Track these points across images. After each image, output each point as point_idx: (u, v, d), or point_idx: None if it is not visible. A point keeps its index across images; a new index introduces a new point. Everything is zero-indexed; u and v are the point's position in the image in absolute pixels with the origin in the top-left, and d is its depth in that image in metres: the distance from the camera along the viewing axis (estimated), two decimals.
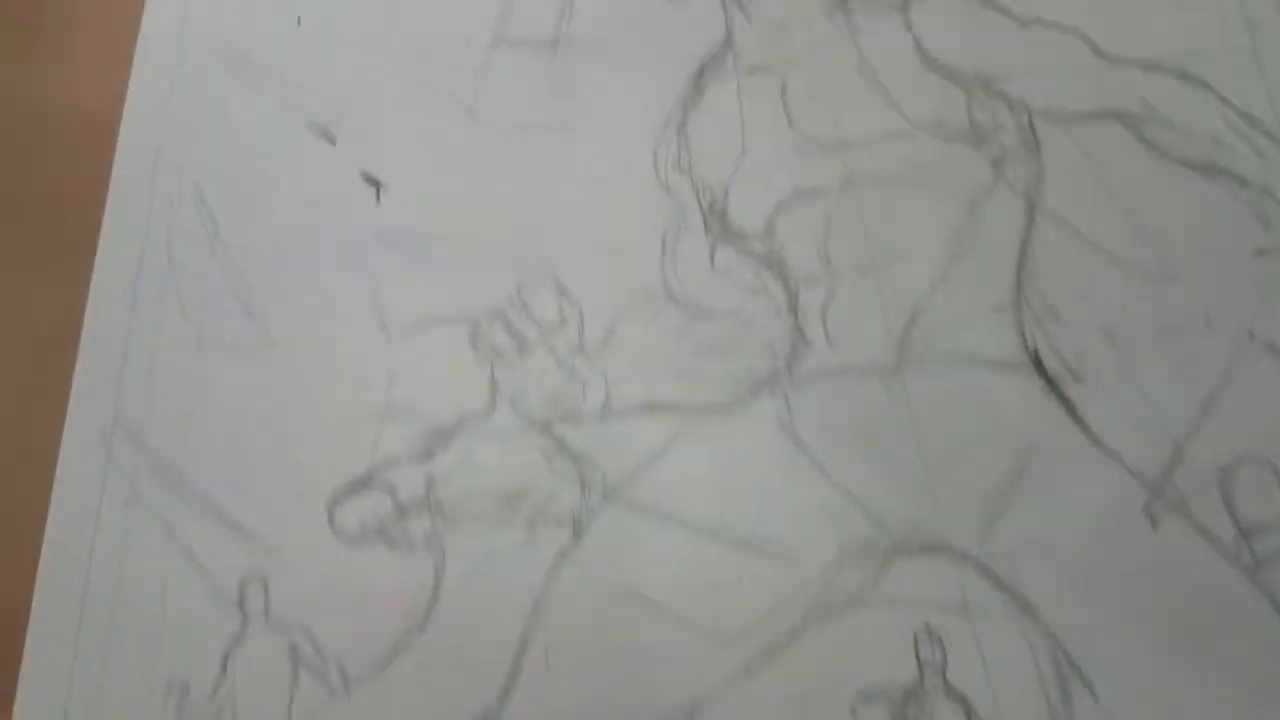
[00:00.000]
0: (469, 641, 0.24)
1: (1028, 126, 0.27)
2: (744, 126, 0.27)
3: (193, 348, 0.26)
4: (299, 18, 0.29)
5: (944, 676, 0.23)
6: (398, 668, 0.23)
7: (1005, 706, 0.23)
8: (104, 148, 0.28)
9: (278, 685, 0.24)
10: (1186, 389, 0.25)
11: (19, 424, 0.26)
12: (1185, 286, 0.26)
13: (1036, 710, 0.23)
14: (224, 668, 0.24)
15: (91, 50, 0.30)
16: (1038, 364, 0.25)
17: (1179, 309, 0.26)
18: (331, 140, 0.28)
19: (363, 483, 0.25)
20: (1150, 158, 0.27)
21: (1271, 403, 0.25)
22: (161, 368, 0.26)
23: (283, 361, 0.26)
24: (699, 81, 0.28)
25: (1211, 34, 0.28)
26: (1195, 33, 0.28)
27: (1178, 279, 0.26)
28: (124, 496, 0.25)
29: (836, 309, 0.26)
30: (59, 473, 0.25)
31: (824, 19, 0.29)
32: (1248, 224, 0.27)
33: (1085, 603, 0.23)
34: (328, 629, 0.24)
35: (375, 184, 0.27)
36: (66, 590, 0.24)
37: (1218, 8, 0.29)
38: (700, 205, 0.27)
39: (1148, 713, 0.22)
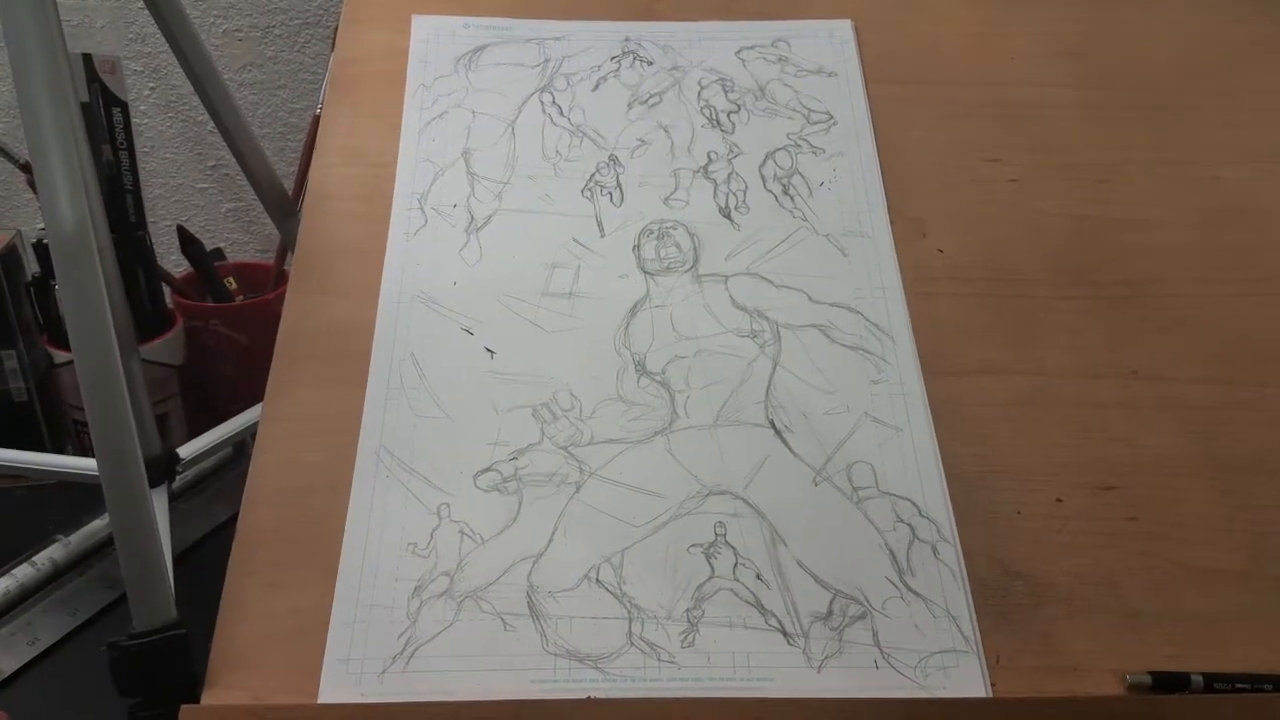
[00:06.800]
0: None
1: (776, 331, 0.63)
2: (654, 332, 0.63)
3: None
4: (454, 282, 0.65)
5: (728, 541, 0.55)
6: None
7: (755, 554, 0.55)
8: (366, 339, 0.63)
9: None
10: (833, 433, 0.59)
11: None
12: (839, 396, 0.61)
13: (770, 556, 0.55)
14: None
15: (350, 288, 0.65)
16: (772, 425, 0.59)
17: (836, 404, 0.60)
18: (470, 333, 0.63)
19: None
20: (829, 343, 0.63)
21: (875, 446, 0.59)
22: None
23: None
24: (634, 310, 0.64)
25: (865, 289, 0.65)
26: (858, 291, 0.65)
27: (835, 393, 0.61)
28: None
29: (693, 404, 0.60)
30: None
31: (691, 285, 0.65)
32: (869, 370, 0.62)
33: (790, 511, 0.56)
34: None
35: (490, 351, 0.62)
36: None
37: (870, 281, 0.65)
38: (633, 360, 0.62)
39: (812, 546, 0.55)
